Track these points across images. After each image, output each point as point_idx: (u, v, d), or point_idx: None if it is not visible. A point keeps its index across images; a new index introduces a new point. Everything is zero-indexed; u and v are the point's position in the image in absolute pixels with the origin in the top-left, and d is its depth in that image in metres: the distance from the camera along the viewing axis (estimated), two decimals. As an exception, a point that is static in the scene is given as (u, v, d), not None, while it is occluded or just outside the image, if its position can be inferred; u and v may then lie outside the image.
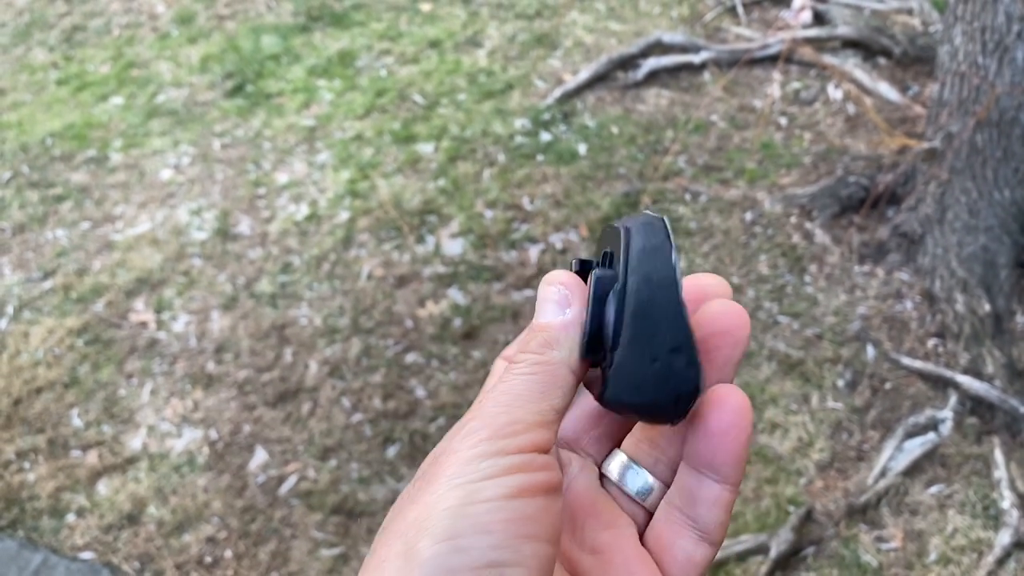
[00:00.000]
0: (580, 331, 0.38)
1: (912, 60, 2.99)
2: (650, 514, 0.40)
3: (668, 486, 0.40)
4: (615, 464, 0.41)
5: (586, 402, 0.43)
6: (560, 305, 0.39)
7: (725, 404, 0.37)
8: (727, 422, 0.37)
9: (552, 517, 0.34)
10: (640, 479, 0.41)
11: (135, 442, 2.06)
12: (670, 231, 0.39)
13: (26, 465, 2.03)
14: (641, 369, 0.37)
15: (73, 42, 3.51)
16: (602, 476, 0.42)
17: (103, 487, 1.98)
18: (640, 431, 0.41)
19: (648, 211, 0.40)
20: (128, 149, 2.92)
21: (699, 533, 0.38)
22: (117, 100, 3.16)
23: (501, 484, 0.33)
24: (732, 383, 0.39)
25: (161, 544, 1.87)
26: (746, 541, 1.79)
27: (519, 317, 2.23)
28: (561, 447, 0.42)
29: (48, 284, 2.46)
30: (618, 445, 0.42)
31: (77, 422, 2.11)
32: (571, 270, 0.41)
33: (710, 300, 0.40)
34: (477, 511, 0.32)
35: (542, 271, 2.35)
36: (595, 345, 0.38)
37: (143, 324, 2.32)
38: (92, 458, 2.03)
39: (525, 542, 0.32)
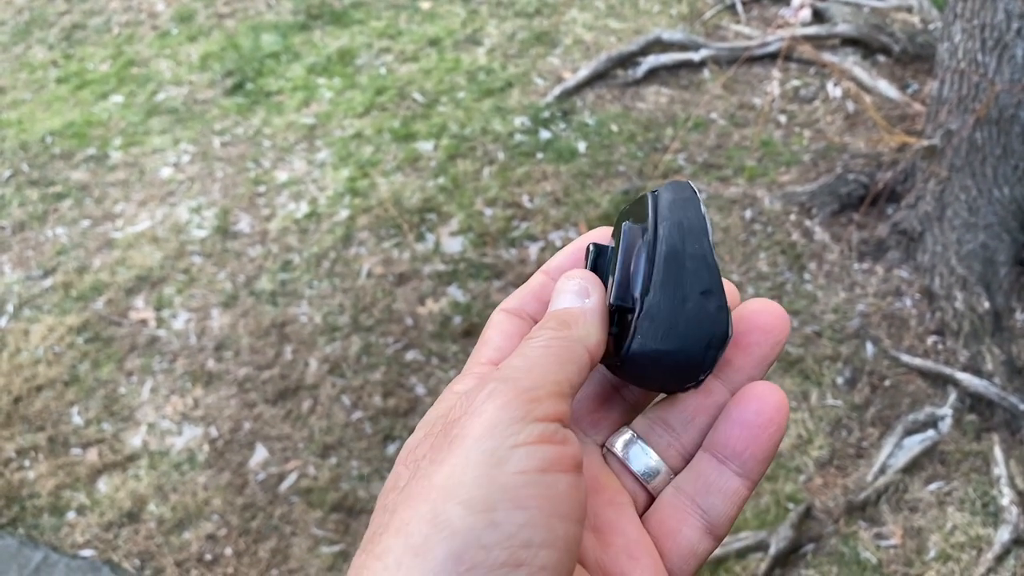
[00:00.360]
0: (600, 317, 0.37)
1: (911, 58, 2.99)
2: (651, 497, 0.39)
3: (675, 474, 0.39)
4: (621, 440, 0.40)
5: (587, 385, 0.42)
6: (579, 295, 0.38)
7: (768, 399, 0.37)
8: (767, 417, 0.37)
9: (580, 495, 0.33)
10: (646, 459, 0.39)
11: (135, 440, 2.06)
12: (696, 189, 0.39)
13: (26, 463, 2.03)
14: (672, 312, 0.37)
15: (73, 40, 3.51)
16: (605, 452, 0.40)
17: (103, 485, 1.98)
18: (656, 411, 0.40)
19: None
20: (128, 147, 2.92)
21: (706, 524, 0.38)
22: (117, 98, 3.16)
23: (532, 454, 0.32)
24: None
25: (161, 542, 1.87)
26: (746, 538, 1.79)
27: (519, 315, 2.23)
28: None
29: (48, 282, 2.46)
30: (619, 425, 0.41)
31: (77, 420, 2.11)
32: (586, 256, 0.40)
33: (746, 302, 0.40)
34: (512, 483, 0.31)
35: (542, 269, 2.35)
36: (624, 293, 0.38)
37: (143, 322, 2.33)
38: (92, 456, 2.03)
39: (559, 522, 0.31)
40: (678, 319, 0.37)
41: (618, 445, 0.40)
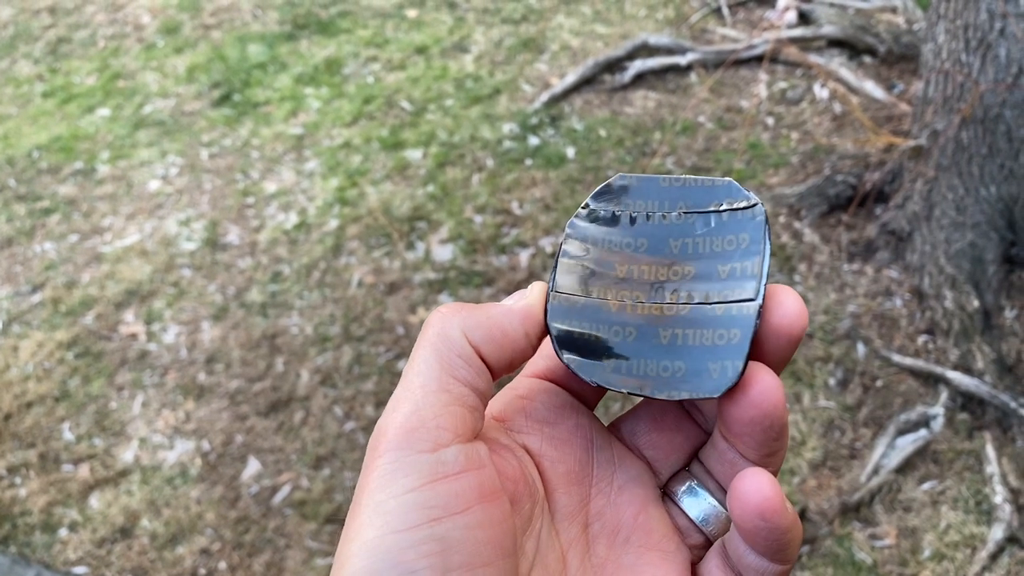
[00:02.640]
0: (501, 309, 0.35)
1: (897, 58, 3.00)
2: (709, 541, 0.37)
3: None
4: (681, 487, 0.37)
5: (652, 405, 0.39)
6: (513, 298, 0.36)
7: (749, 499, 0.32)
8: (753, 525, 0.32)
9: (490, 533, 0.30)
10: (702, 504, 0.37)
11: (127, 455, 2.05)
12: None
13: (17, 480, 2.02)
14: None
15: (58, 54, 3.49)
16: (664, 497, 0.38)
17: (95, 501, 1.97)
18: (704, 459, 0.38)
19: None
20: (115, 160, 2.91)
21: None
22: (104, 112, 3.15)
23: (422, 505, 0.29)
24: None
25: (155, 557, 1.86)
26: (741, 541, 1.79)
27: (510, 322, 2.23)
28: (618, 444, 0.39)
29: (37, 297, 2.45)
30: (685, 453, 0.38)
31: (68, 436, 2.10)
32: None
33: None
34: (397, 544, 0.29)
35: (532, 275, 2.35)
36: None
37: (133, 336, 2.31)
38: (84, 472, 2.02)
39: (458, 574, 0.29)
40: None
41: (676, 489, 0.37)
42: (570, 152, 2.77)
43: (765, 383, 0.34)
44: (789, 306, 0.34)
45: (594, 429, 0.38)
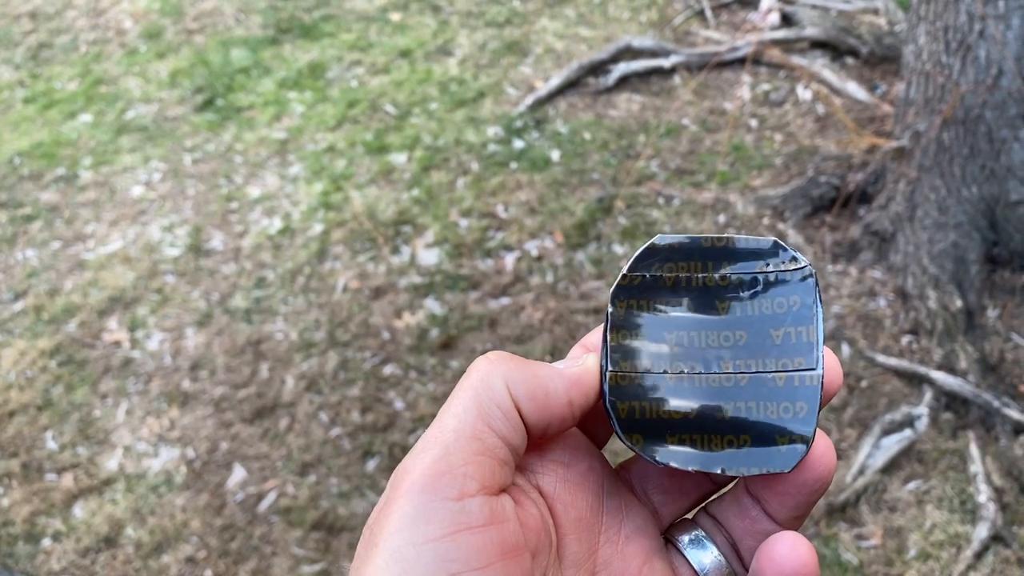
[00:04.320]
0: (552, 370, 0.35)
1: (879, 59, 3.02)
2: None
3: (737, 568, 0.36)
4: (686, 536, 0.37)
5: None
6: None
7: (786, 562, 0.32)
8: None
9: None
10: (708, 556, 0.36)
11: (111, 463, 2.03)
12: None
13: (0, 490, 2.00)
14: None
15: (40, 59, 3.47)
16: (668, 544, 0.38)
17: (79, 510, 1.95)
18: (714, 511, 0.38)
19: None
20: (98, 166, 2.89)
21: None
22: (86, 117, 3.13)
23: (442, 556, 0.28)
24: None
25: (140, 566, 1.85)
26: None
27: (496, 325, 2.23)
28: (625, 490, 0.38)
29: (19, 305, 2.43)
30: (692, 501, 0.38)
31: (51, 445, 2.08)
32: None
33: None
34: None
35: (518, 279, 2.34)
36: None
37: (117, 343, 2.30)
38: (67, 481, 2.00)
39: None
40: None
41: (683, 541, 0.37)
42: (555, 155, 2.77)
43: (823, 447, 0.34)
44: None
45: (605, 473, 0.37)
